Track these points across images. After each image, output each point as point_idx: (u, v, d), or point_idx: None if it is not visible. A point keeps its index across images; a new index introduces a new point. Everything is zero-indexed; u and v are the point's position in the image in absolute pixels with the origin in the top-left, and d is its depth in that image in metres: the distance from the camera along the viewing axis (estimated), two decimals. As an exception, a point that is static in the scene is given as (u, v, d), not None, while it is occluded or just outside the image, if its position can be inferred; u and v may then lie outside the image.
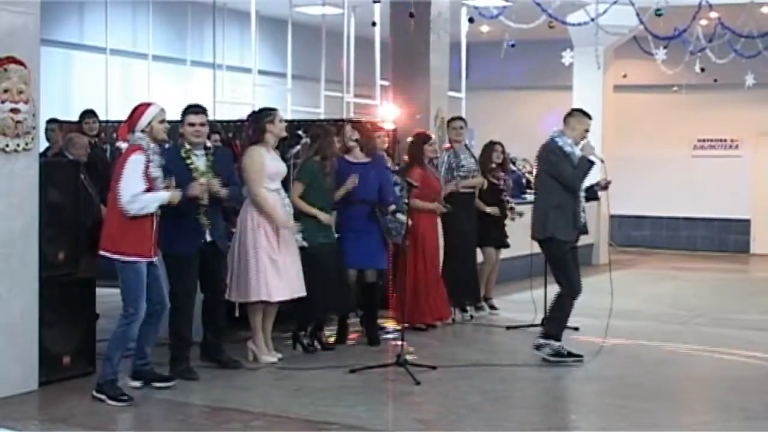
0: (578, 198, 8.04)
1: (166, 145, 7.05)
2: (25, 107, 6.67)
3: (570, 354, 8.05)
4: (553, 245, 8.03)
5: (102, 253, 6.68)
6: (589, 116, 8.16)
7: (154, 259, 6.75)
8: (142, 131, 6.66)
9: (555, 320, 8.10)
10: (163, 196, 6.66)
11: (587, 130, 8.10)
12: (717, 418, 6.63)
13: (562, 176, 7.93)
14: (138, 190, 6.53)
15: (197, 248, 7.23)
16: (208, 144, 7.46)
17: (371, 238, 8.55)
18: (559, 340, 8.04)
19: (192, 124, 7.30)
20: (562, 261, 8.03)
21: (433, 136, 9.95)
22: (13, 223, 6.64)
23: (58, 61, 13.55)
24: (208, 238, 7.28)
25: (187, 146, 7.30)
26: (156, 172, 6.67)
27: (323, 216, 8.13)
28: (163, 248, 7.02)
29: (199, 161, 7.29)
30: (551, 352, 7.98)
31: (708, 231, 18.91)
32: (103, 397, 6.54)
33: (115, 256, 6.60)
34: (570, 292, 8.00)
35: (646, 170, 18.59)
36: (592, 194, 8.39)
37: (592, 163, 7.99)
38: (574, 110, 8.29)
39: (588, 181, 8.18)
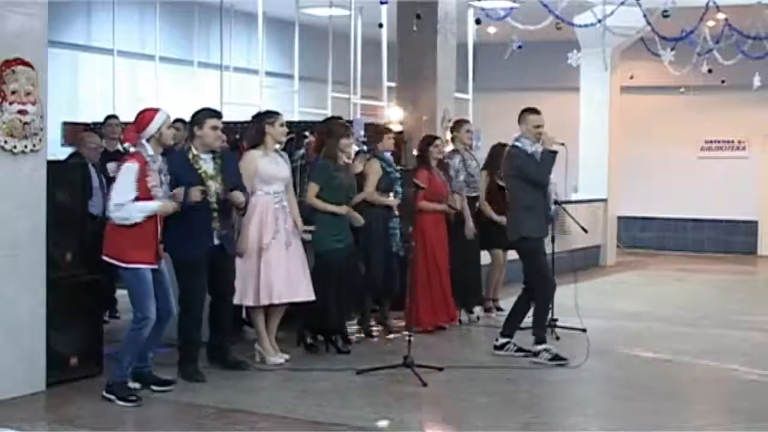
0: (547, 194, 8.24)
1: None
2: (33, 109, 6.68)
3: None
4: (527, 243, 8.16)
5: (105, 258, 6.68)
6: (532, 111, 8.23)
7: (157, 266, 6.71)
8: (150, 137, 6.65)
9: (540, 322, 8.23)
10: (151, 206, 6.57)
11: (537, 126, 8.16)
12: (723, 420, 6.61)
13: (529, 176, 8.08)
14: (124, 199, 6.52)
15: (205, 251, 7.20)
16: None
17: None
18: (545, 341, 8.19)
19: (215, 128, 7.22)
20: (537, 257, 8.17)
21: (441, 138, 9.92)
22: (21, 225, 6.65)
23: (66, 62, 13.56)
24: (216, 242, 7.25)
25: (194, 151, 7.21)
26: (154, 181, 6.61)
27: (340, 209, 8.16)
28: (172, 252, 7.01)
29: (207, 165, 7.22)
30: (550, 357, 8.05)
31: (715, 232, 18.87)
32: (112, 397, 6.56)
33: (117, 263, 6.62)
34: (547, 289, 8.19)
35: (653, 171, 18.56)
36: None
37: (554, 152, 8.07)
38: (522, 111, 8.35)
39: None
